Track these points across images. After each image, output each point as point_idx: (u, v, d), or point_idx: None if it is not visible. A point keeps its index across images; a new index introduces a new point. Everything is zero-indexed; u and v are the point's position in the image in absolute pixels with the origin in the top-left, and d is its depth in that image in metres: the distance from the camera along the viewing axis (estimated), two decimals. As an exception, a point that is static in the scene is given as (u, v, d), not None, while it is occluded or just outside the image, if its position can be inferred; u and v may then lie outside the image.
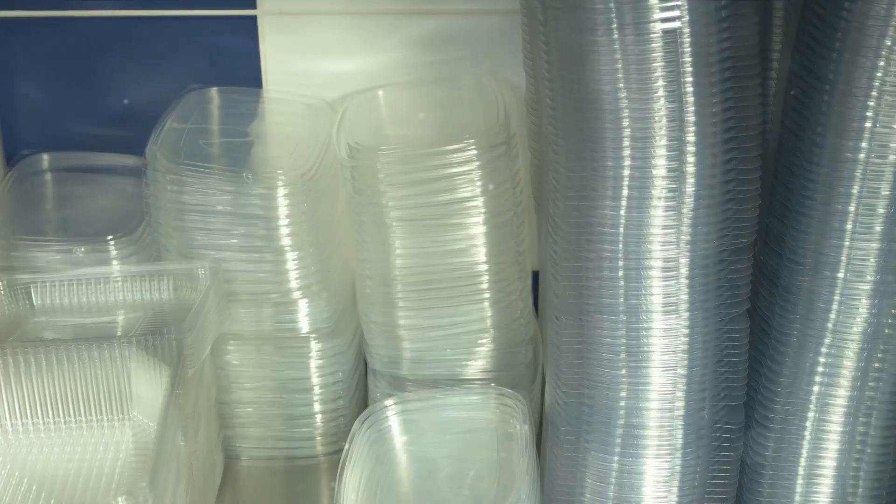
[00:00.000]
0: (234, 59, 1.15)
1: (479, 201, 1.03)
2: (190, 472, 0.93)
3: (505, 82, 1.12)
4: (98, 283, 1.04)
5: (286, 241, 1.05)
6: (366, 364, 1.12)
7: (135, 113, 1.17)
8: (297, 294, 1.07)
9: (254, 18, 1.14)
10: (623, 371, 0.91)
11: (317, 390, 1.11)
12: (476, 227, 1.04)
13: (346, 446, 0.99)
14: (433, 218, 1.03)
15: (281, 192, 1.03)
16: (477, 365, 1.08)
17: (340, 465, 0.96)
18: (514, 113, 1.06)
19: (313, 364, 1.10)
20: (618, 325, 0.90)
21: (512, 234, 1.05)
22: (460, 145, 1.01)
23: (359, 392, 1.15)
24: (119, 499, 0.74)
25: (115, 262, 1.06)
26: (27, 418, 0.89)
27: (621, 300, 0.89)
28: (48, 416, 0.89)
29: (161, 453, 0.79)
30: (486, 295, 1.06)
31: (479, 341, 1.07)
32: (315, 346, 1.09)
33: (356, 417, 1.11)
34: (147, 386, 0.89)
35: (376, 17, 1.13)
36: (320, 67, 1.15)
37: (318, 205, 1.05)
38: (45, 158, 1.17)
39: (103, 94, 1.17)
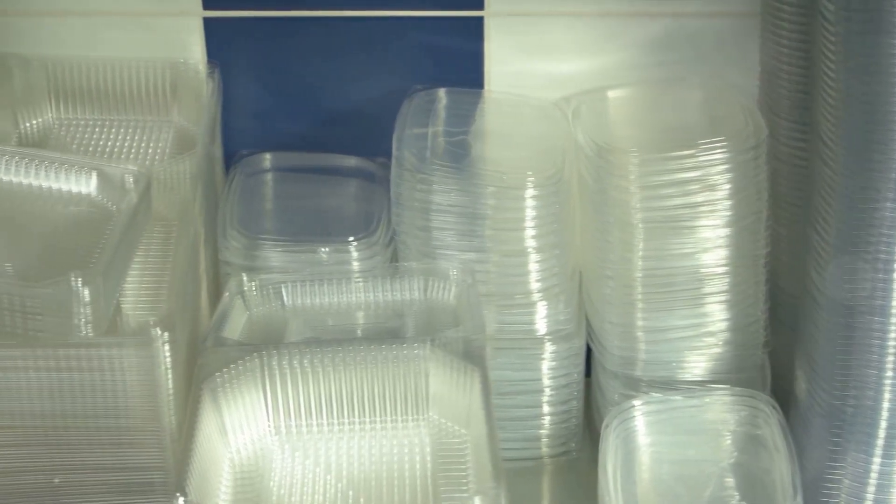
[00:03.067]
0: (457, 59, 1.15)
1: (726, 204, 1.03)
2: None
3: (732, 85, 1.12)
4: (341, 282, 1.04)
5: (531, 243, 1.05)
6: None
7: (355, 113, 1.17)
8: (536, 296, 1.07)
9: (480, 19, 1.14)
10: (890, 373, 0.92)
11: (548, 392, 1.11)
12: (719, 230, 1.04)
13: (601, 444, 0.99)
14: (678, 220, 1.03)
15: (529, 193, 1.03)
16: (710, 367, 1.08)
17: (600, 462, 0.97)
18: (753, 116, 1.06)
19: (545, 366, 1.10)
20: (888, 327, 0.90)
21: (752, 238, 1.06)
22: (714, 147, 1.01)
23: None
24: (476, 499, 0.75)
25: (355, 263, 1.06)
26: (323, 418, 0.90)
27: (893, 303, 0.90)
28: (343, 417, 0.90)
29: (494, 454, 0.80)
30: (724, 297, 1.06)
31: (714, 343, 1.07)
32: (549, 347, 1.09)
33: (582, 420, 1.13)
34: (443, 386, 0.89)
35: (603, 18, 1.14)
36: (544, 68, 1.15)
37: (564, 207, 1.05)
38: (267, 158, 1.17)
39: (323, 94, 1.17)
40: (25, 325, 0.81)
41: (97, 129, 1.14)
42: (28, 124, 1.13)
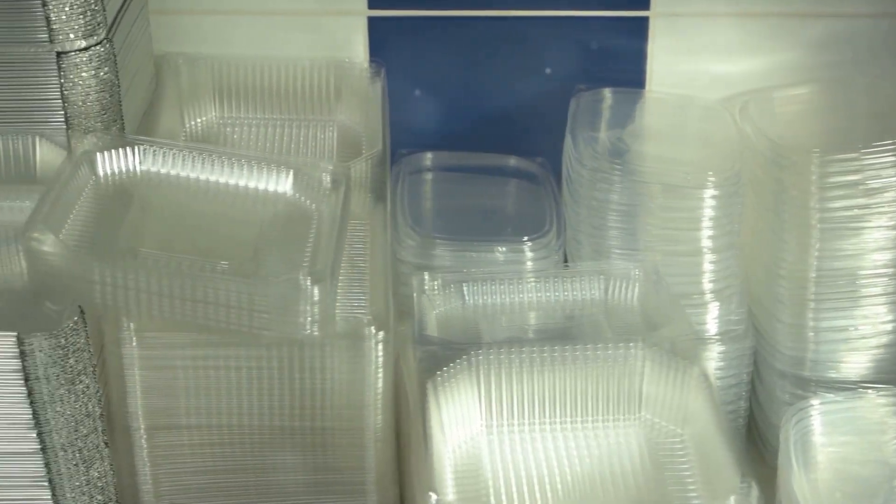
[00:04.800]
0: (619, 59, 1.15)
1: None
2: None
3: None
4: (515, 281, 1.04)
5: (707, 243, 1.05)
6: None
7: (515, 113, 1.17)
8: (709, 297, 1.07)
9: (645, 19, 1.14)
10: None
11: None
12: (891, 231, 1.04)
13: (782, 443, 0.99)
14: (852, 220, 1.03)
15: (709, 192, 1.03)
16: (878, 367, 1.08)
17: (781, 462, 0.96)
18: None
19: (713, 366, 1.09)
20: None
21: (926, 237, 1.06)
22: (888, 149, 1.01)
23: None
24: (731, 499, 0.75)
25: (528, 263, 1.06)
26: (535, 417, 0.89)
27: None
28: (555, 416, 0.89)
29: (734, 451, 0.80)
30: (894, 298, 1.06)
31: (883, 343, 1.07)
32: (718, 348, 1.08)
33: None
34: (657, 385, 0.89)
35: (767, 18, 1.14)
36: (706, 68, 1.16)
37: (741, 207, 1.05)
38: (429, 157, 1.17)
39: (483, 94, 1.17)
40: (251, 322, 0.81)
41: (260, 128, 1.14)
42: (193, 123, 1.13)
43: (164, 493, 0.92)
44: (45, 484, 0.84)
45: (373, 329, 0.87)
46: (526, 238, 1.06)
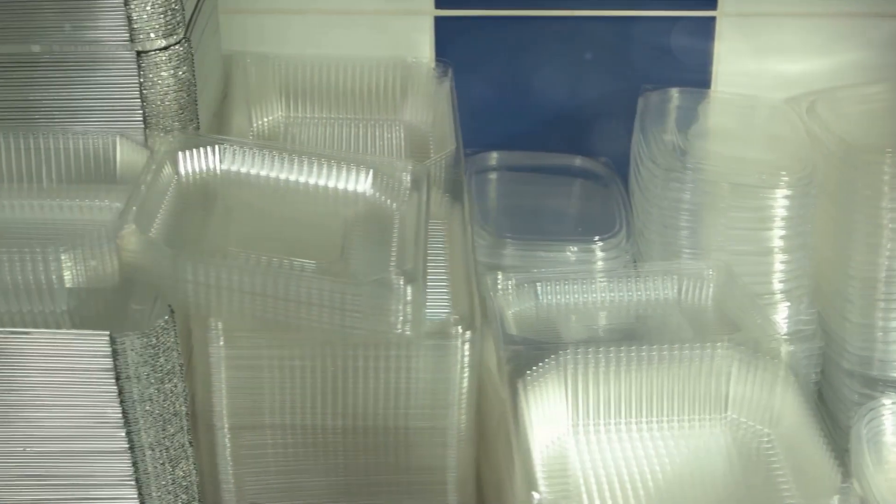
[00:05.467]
0: (685, 59, 1.15)
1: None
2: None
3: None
4: (586, 281, 1.04)
5: (778, 243, 1.05)
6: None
7: (580, 113, 1.17)
8: (779, 297, 1.07)
9: (712, 19, 1.14)
10: None
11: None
12: (962, 230, 1.04)
13: (853, 443, 0.98)
14: (924, 220, 1.04)
15: (782, 193, 1.03)
16: (949, 368, 1.08)
17: (854, 462, 0.96)
18: None
19: (782, 366, 1.10)
20: None
21: None
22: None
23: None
24: (835, 498, 0.75)
25: (599, 263, 1.06)
26: (620, 417, 0.89)
27: None
28: (641, 416, 0.89)
29: (832, 450, 0.81)
30: (963, 298, 1.06)
31: (954, 345, 1.07)
32: (784, 349, 1.08)
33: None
34: (744, 385, 0.89)
35: (835, 18, 1.14)
36: (773, 69, 1.16)
37: (813, 207, 1.05)
38: (494, 157, 1.17)
39: (548, 94, 1.17)
40: (343, 322, 0.81)
41: (326, 128, 1.14)
42: (260, 122, 1.13)
43: (246, 492, 0.92)
44: (132, 483, 0.83)
45: (460, 328, 0.86)
46: (597, 238, 1.06)
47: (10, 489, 0.83)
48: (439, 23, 1.14)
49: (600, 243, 1.06)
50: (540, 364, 0.87)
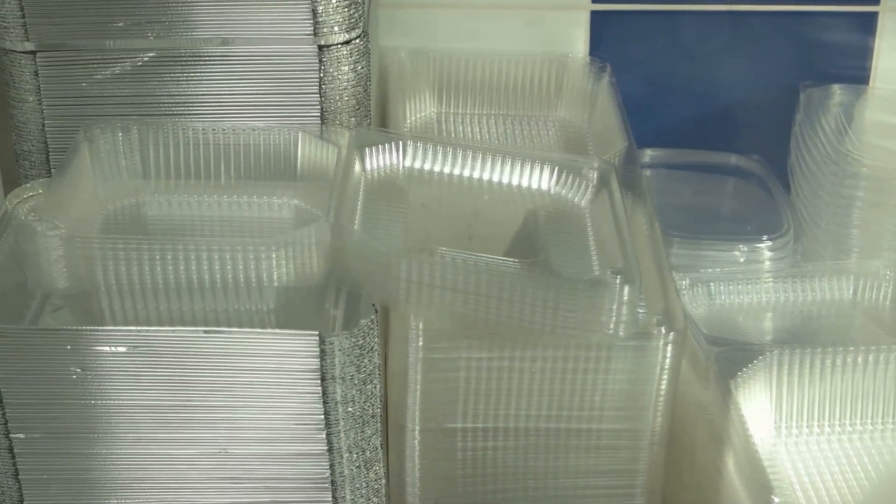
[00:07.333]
0: (843, 55, 1.13)
1: None
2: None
3: None
4: (760, 280, 1.02)
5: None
6: None
7: (735, 110, 1.16)
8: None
9: (874, 15, 1.12)
10: None
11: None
12: None
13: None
14: None
15: (958, 191, 1.02)
16: None
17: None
18: None
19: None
20: None
21: None
22: None
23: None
24: None
25: (767, 262, 1.04)
26: (825, 420, 0.88)
27: None
28: (845, 419, 0.88)
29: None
30: None
31: None
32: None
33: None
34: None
35: None
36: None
37: None
38: (648, 154, 1.15)
39: (704, 91, 1.15)
40: (555, 322, 0.79)
41: (479, 123, 1.12)
42: (413, 117, 1.11)
43: (430, 495, 0.90)
44: (327, 486, 0.82)
45: (662, 329, 0.84)
46: (765, 237, 1.04)
47: (206, 491, 0.81)
48: (595, 17, 1.12)
49: (769, 242, 1.04)
50: (749, 365, 0.85)
